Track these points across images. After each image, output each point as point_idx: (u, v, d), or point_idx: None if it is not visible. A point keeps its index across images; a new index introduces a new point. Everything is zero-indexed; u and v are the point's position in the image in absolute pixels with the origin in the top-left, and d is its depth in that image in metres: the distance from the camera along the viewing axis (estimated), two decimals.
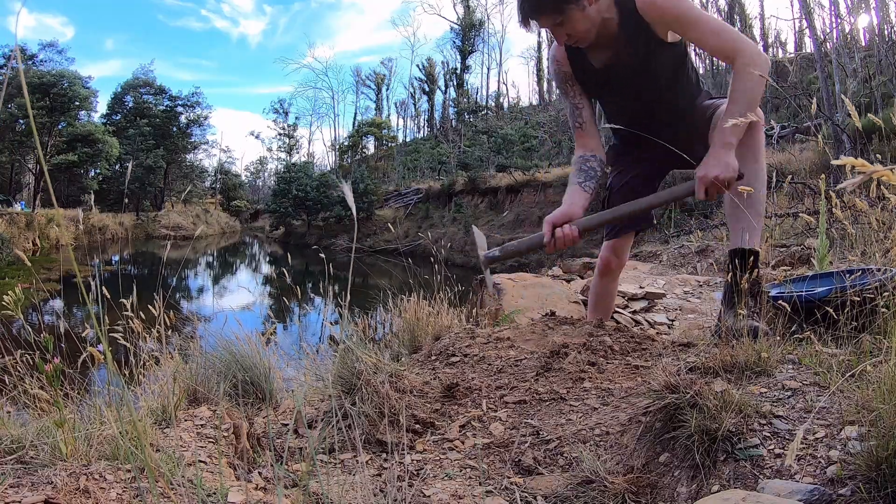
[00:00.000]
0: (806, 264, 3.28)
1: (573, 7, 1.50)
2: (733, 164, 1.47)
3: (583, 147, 1.79)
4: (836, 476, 0.81)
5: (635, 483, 0.97)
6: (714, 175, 1.47)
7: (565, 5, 1.50)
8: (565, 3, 1.49)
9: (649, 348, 1.62)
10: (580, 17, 1.51)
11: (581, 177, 1.74)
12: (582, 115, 1.78)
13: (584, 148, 1.78)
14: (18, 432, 1.01)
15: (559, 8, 1.50)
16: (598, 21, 1.55)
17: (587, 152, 1.77)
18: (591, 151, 1.77)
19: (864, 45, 17.82)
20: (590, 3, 1.51)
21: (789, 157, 8.54)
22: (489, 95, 43.45)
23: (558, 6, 1.50)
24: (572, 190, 1.73)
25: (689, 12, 1.51)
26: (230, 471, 1.10)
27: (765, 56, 1.48)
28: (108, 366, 0.90)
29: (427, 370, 1.69)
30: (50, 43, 27.60)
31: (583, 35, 1.56)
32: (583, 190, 1.72)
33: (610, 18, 1.56)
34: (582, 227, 1.63)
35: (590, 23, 1.54)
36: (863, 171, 0.46)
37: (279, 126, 48.26)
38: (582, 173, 1.75)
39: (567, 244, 1.63)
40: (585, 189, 1.72)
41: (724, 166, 1.46)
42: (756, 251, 1.56)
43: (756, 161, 1.58)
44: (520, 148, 21.76)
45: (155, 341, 1.64)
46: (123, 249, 22.77)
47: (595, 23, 1.55)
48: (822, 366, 1.13)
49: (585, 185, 1.73)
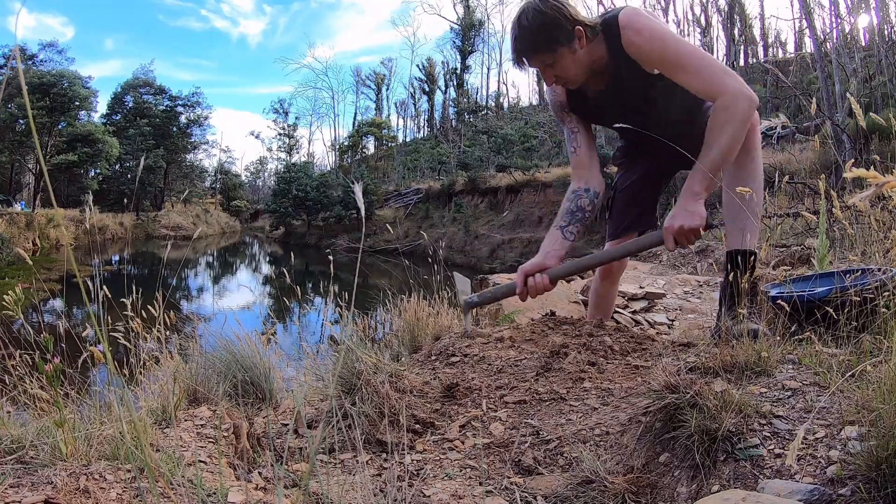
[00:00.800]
0: (806, 264, 3.28)
1: (564, 49, 1.50)
2: (700, 212, 1.46)
3: (577, 178, 1.78)
4: (836, 476, 0.81)
5: (635, 483, 0.97)
6: (679, 225, 1.46)
7: (557, 46, 1.50)
8: (557, 45, 1.49)
9: (649, 348, 1.62)
10: (570, 59, 1.52)
11: (566, 219, 1.75)
12: (577, 140, 1.77)
13: (577, 179, 1.78)
14: (18, 432, 1.01)
15: (551, 48, 1.50)
16: (588, 64, 1.55)
17: (581, 185, 1.76)
18: (586, 184, 1.76)
19: (864, 45, 17.81)
20: (581, 45, 1.51)
21: (789, 157, 8.53)
22: (489, 95, 43.49)
23: (550, 46, 1.50)
24: (553, 236, 1.74)
25: (671, 53, 1.48)
26: (230, 471, 1.10)
27: (749, 95, 1.43)
28: (109, 366, 0.90)
29: (427, 370, 1.69)
30: (50, 43, 27.63)
31: (571, 78, 1.57)
32: (563, 237, 1.73)
33: (600, 58, 1.56)
34: (553, 276, 1.68)
35: (578, 67, 1.54)
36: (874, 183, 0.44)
37: (279, 126, 48.34)
38: (568, 216, 1.75)
39: (539, 293, 1.69)
40: (566, 236, 1.73)
41: (690, 216, 1.45)
42: (754, 251, 1.56)
43: (752, 161, 1.58)
44: (520, 148, 21.77)
45: (155, 341, 1.64)
46: (123, 249, 22.76)
47: (584, 66, 1.55)
48: (822, 366, 1.13)
49: (567, 232, 1.74)
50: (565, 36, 1.49)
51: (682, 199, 1.48)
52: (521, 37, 1.51)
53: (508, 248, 17.88)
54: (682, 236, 1.47)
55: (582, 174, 1.77)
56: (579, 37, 1.50)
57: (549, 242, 1.73)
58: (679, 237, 1.48)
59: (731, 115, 1.41)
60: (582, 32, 1.50)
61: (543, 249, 1.72)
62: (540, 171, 19.89)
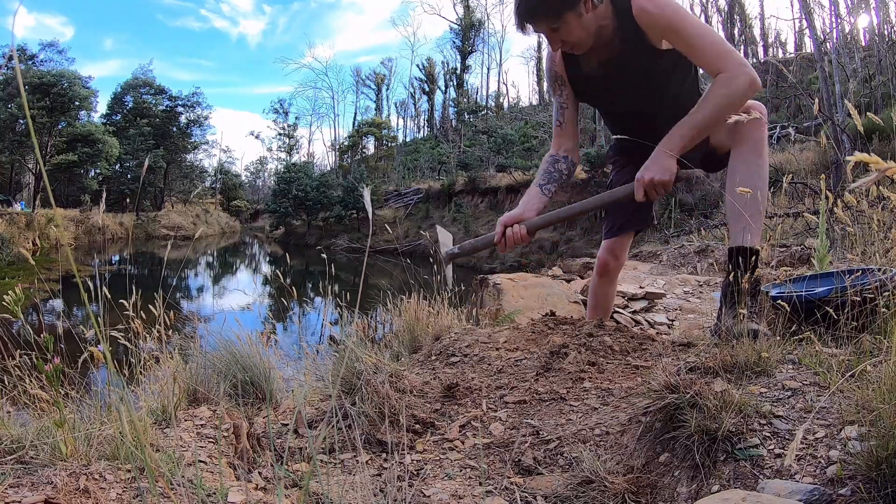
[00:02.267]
0: (806, 264, 3.28)
1: (570, 13, 1.49)
2: (671, 167, 1.48)
3: (556, 146, 1.84)
4: (836, 476, 0.81)
5: (635, 483, 0.97)
6: (650, 178, 1.49)
7: (563, 10, 1.48)
8: (563, 8, 1.48)
9: (649, 348, 1.62)
10: (576, 24, 1.51)
11: (545, 178, 1.81)
12: (564, 115, 1.82)
13: (557, 147, 1.84)
14: (18, 432, 1.01)
15: (557, 13, 1.49)
16: (594, 30, 1.54)
17: (559, 152, 1.83)
18: (564, 152, 1.83)
19: (864, 45, 17.81)
20: (587, 10, 1.50)
21: (789, 157, 8.53)
22: (489, 95, 43.51)
23: (556, 11, 1.49)
24: (532, 191, 1.79)
25: (680, 22, 1.49)
26: (230, 471, 1.10)
27: (750, 76, 1.43)
28: (109, 366, 0.90)
29: (427, 370, 1.69)
30: (50, 43, 27.56)
31: (577, 43, 1.56)
32: (541, 193, 1.79)
33: (606, 25, 1.55)
34: (531, 226, 1.72)
35: (585, 32, 1.53)
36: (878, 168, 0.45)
37: (279, 126, 48.30)
38: (546, 175, 1.81)
39: (517, 243, 1.72)
40: (544, 192, 1.79)
41: (661, 169, 1.48)
42: (756, 250, 1.55)
43: (759, 157, 1.57)
44: (520, 148, 21.76)
45: (155, 341, 1.64)
46: (123, 249, 22.77)
47: (590, 32, 1.54)
48: (822, 366, 1.13)
49: (545, 189, 1.79)
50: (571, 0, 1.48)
51: (655, 153, 1.51)
52: (525, 2, 1.50)
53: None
54: (651, 188, 1.51)
55: (562, 143, 1.83)
56: (584, 1, 1.49)
57: (528, 197, 1.78)
58: (649, 189, 1.51)
59: (728, 90, 1.42)
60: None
61: (522, 203, 1.76)
62: None
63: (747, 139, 1.55)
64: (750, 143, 1.55)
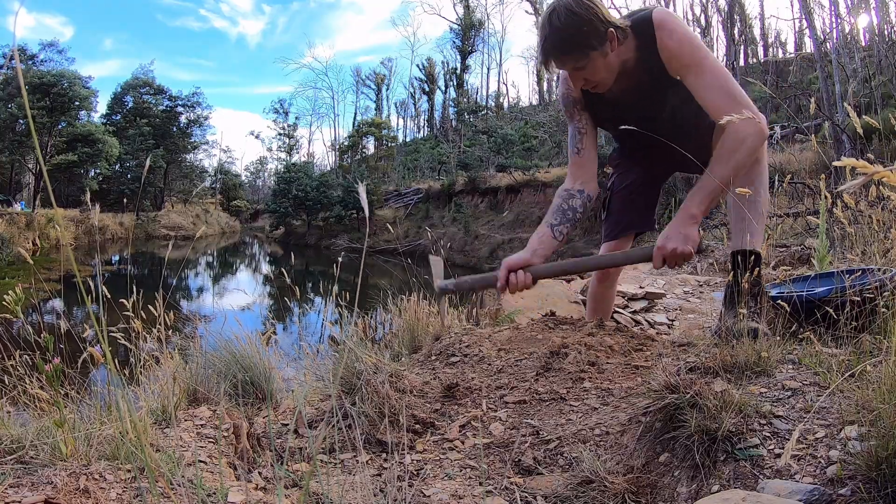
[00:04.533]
0: (806, 264, 3.28)
1: (596, 52, 1.45)
2: (693, 237, 1.45)
3: (573, 179, 1.73)
4: (836, 476, 0.81)
5: (635, 483, 0.97)
6: (671, 248, 1.45)
7: (590, 50, 1.45)
8: (590, 49, 1.44)
9: (649, 348, 1.62)
10: (602, 63, 1.48)
11: (557, 218, 1.70)
12: (583, 141, 1.72)
13: (573, 180, 1.73)
14: (18, 432, 1.01)
15: (583, 52, 1.45)
16: (617, 68, 1.51)
17: (575, 186, 1.72)
18: (581, 185, 1.72)
19: (864, 45, 17.81)
20: (613, 48, 1.47)
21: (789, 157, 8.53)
22: (489, 95, 43.52)
23: (583, 50, 1.45)
24: (542, 233, 1.69)
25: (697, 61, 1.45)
26: (230, 471, 1.10)
27: (760, 129, 1.40)
28: (109, 366, 0.90)
29: (427, 370, 1.69)
30: (50, 43, 27.59)
31: (600, 81, 1.53)
32: (552, 236, 1.68)
33: (629, 59, 1.52)
34: (536, 275, 1.63)
35: (609, 70, 1.50)
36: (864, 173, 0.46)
37: (279, 126, 48.30)
38: (559, 214, 1.70)
39: (519, 290, 1.63)
40: (556, 235, 1.68)
41: (683, 239, 1.44)
42: (757, 252, 1.56)
43: (758, 162, 1.58)
44: (520, 148, 21.76)
45: (155, 341, 1.64)
46: (123, 249, 22.76)
47: (614, 70, 1.51)
48: (822, 366, 1.13)
49: (556, 231, 1.69)
50: (598, 39, 1.44)
51: (677, 220, 1.47)
52: (551, 37, 1.46)
53: (508, 248, 17.87)
54: (672, 259, 1.46)
55: (579, 175, 1.73)
56: (611, 39, 1.45)
57: (537, 240, 1.68)
58: (669, 259, 1.46)
59: (741, 146, 1.40)
60: (614, 35, 1.45)
61: (531, 246, 1.67)
62: (540, 171, 19.89)
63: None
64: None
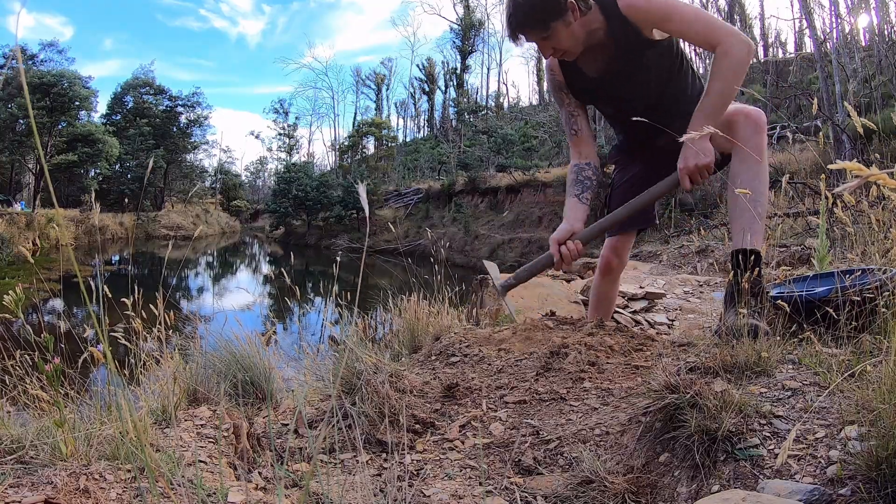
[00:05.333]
0: (806, 264, 3.28)
1: (558, 22, 1.55)
2: (708, 148, 1.53)
3: (577, 155, 1.85)
4: (836, 476, 0.81)
5: (635, 483, 0.97)
6: (693, 164, 1.54)
7: (550, 21, 1.54)
8: (550, 19, 1.54)
9: (649, 348, 1.62)
10: (565, 32, 1.57)
11: (578, 188, 1.81)
12: (577, 123, 1.83)
13: (578, 156, 1.84)
14: (18, 432, 1.01)
15: (544, 23, 1.55)
16: (584, 36, 1.60)
17: (582, 160, 1.84)
18: (586, 159, 1.84)
19: (864, 45, 17.81)
20: (575, 18, 1.55)
21: (789, 157, 8.53)
22: (489, 95, 43.52)
23: (544, 21, 1.55)
24: (571, 203, 1.79)
25: (668, 6, 1.54)
26: (230, 471, 1.10)
27: (745, 42, 1.50)
28: (109, 366, 0.90)
29: (427, 370, 1.69)
30: (50, 43, 27.58)
31: (567, 49, 1.61)
32: (580, 202, 1.80)
33: (597, 28, 1.60)
34: (584, 239, 1.72)
35: (574, 38, 1.59)
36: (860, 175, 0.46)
37: (279, 126, 48.31)
38: (578, 184, 1.81)
39: (574, 258, 1.73)
40: (583, 201, 1.80)
41: (699, 153, 1.53)
42: (757, 251, 1.56)
43: (759, 162, 1.59)
44: (520, 148, 21.74)
45: (155, 341, 1.64)
46: (123, 249, 22.75)
47: (580, 38, 1.60)
48: (822, 366, 1.13)
49: (583, 197, 1.80)
50: (558, 10, 1.53)
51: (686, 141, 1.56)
52: (515, 13, 1.56)
53: (508, 248, 17.86)
54: (695, 174, 1.55)
55: (583, 151, 1.85)
56: (572, 9, 1.54)
57: (571, 210, 1.78)
58: (693, 175, 1.55)
59: (730, 61, 1.48)
60: (574, 5, 1.54)
61: (568, 217, 1.77)
62: (540, 171, 19.88)
63: (748, 144, 1.56)
64: (751, 148, 1.57)
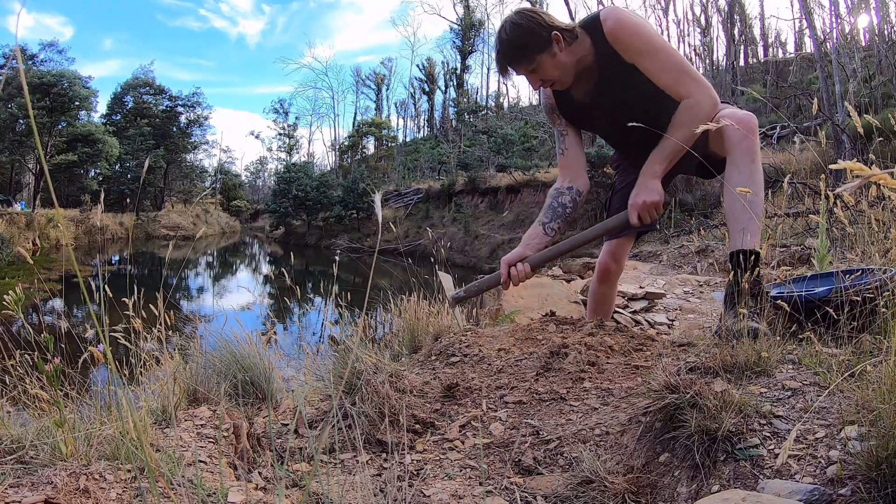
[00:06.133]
0: (806, 264, 3.28)
1: (543, 55, 1.59)
2: (658, 189, 1.60)
3: (562, 178, 1.87)
4: (836, 476, 0.81)
5: (635, 483, 0.97)
6: (642, 200, 1.59)
7: (535, 54, 1.58)
8: (535, 52, 1.58)
9: (649, 348, 1.62)
10: (551, 64, 1.60)
11: (548, 216, 1.84)
12: (565, 142, 1.86)
13: (562, 179, 1.87)
14: (18, 432, 1.01)
15: (529, 57, 1.59)
16: (572, 66, 1.62)
17: (564, 184, 1.86)
18: (569, 182, 1.85)
19: (864, 45, 17.81)
20: (560, 49, 1.58)
21: (789, 157, 8.53)
22: (489, 95, 43.48)
23: (528, 56, 1.59)
24: (534, 230, 1.83)
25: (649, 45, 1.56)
26: (230, 471, 1.10)
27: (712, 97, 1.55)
28: (109, 365, 0.90)
29: (427, 370, 1.69)
30: (50, 43, 27.53)
31: (556, 79, 1.65)
32: (544, 232, 1.83)
33: (586, 56, 1.62)
34: (533, 263, 1.78)
35: (562, 68, 1.62)
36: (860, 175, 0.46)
37: (279, 126, 48.33)
38: (550, 211, 1.84)
39: (521, 280, 1.79)
40: (547, 231, 1.83)
41: (650, 192, 1.59)
42: (756, 251, 1.56)
43: (752, 163, 1.59)
44: (520, 148, 21.74)
45: (155, 341, 1.64)
46: (123, 249, 22.74)
47: (569, 67, 1.62)
48: (822, 366, 1.13)
49: (548, 228, 1.83)
50: (542, 43, 1.57)
51: (642, 177, 1.61)
52: (501, 48, 1.62)
53: (508, 248, 17.81)
54: (644, 211, 1.60)
55: (567, 173, 1.86)
56: (557, 41, 1.58)
57: (531, 236, 1.83)
58: (642, 211, 1.61)
59: (694, 115, 1.52)
60: (559, 37, 1.58)
61: (524, 241, 1.82)
62: (540, 171, 19.85)
63: (740, 147, 1.58)
64: (742, 150, 1.58)
